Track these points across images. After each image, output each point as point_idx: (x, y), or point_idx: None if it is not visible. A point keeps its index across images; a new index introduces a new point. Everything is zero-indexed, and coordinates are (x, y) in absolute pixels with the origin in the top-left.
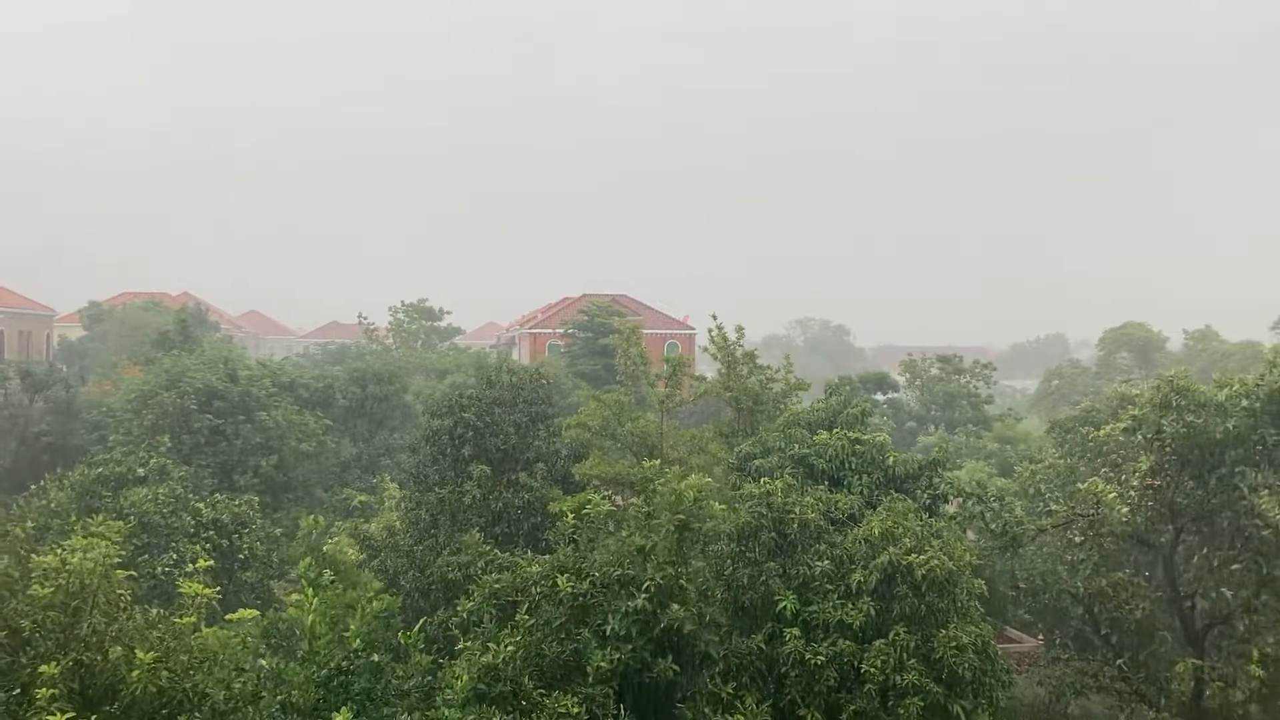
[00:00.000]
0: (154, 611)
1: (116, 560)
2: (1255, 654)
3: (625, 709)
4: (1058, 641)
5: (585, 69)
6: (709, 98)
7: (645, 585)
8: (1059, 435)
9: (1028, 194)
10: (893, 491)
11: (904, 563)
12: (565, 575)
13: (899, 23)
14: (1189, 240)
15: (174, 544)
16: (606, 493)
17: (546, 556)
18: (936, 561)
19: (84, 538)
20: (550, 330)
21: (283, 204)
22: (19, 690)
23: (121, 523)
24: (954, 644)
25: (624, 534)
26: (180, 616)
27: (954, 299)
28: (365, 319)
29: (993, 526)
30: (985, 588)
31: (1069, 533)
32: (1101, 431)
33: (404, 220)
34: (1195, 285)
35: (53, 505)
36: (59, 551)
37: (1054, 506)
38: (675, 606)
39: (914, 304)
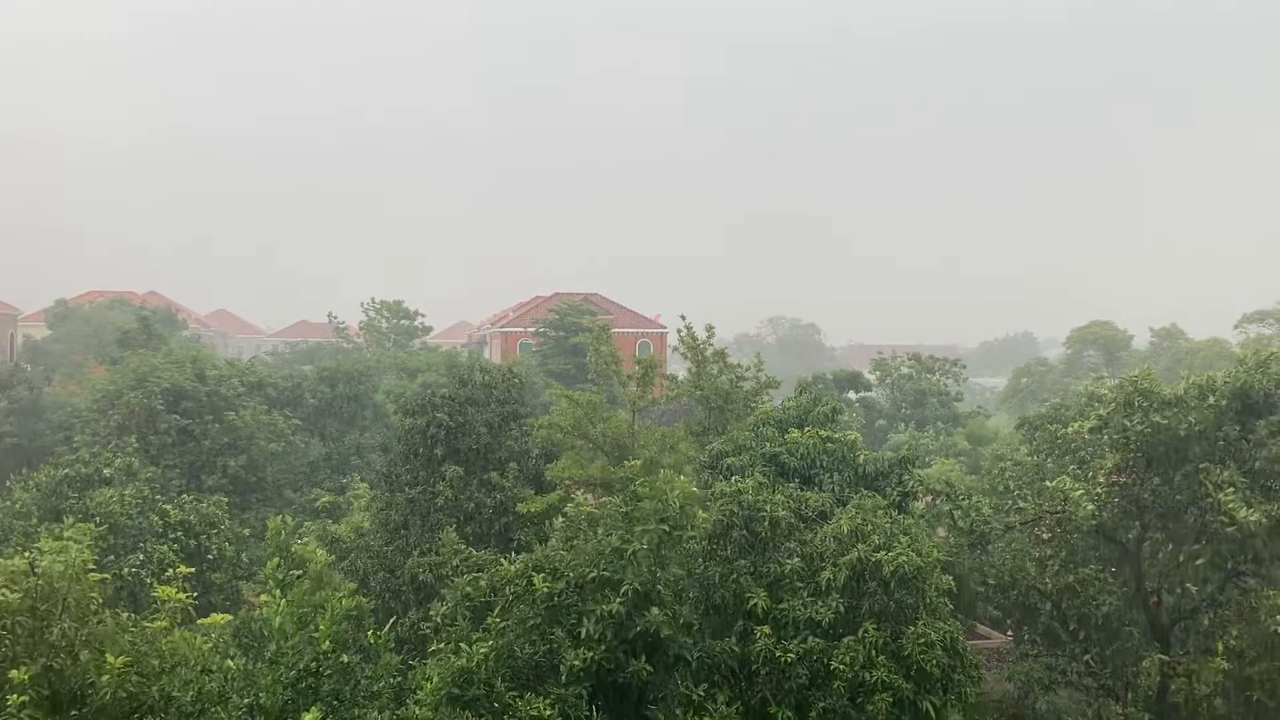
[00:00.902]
0: (125, 615)
1: (91, 566)
2: (1220, 648)
3: (597, 710)
4: (1026, 637)
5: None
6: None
7: (623, 590)
8: (1028, 432)
9: (990, 194)
10: (863, 489)
11: (873, 559)
12: (541, 575)
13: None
14: (1149, 240)
15: (141, 545)
16: (577, 491)
17: (523, 556)
18: (905, 558)
19: (54, 540)
20: (522, 329)
21: (250, 203)
22: None
23: (91, 525)
24: (923, 640)
25: (600, 534)
26: (151, 620)
27: (922, 299)
28: (336, 318)
29: (961, 524)
30: (954, 584)
31: (1037, 530)
32: (1070, 429)
33: (379, 219)
34: (1156, 284)
35: (18, 507)
36: (27, 555)
37: (1022, 504)
38: (654, 610)
39: (884, 304)
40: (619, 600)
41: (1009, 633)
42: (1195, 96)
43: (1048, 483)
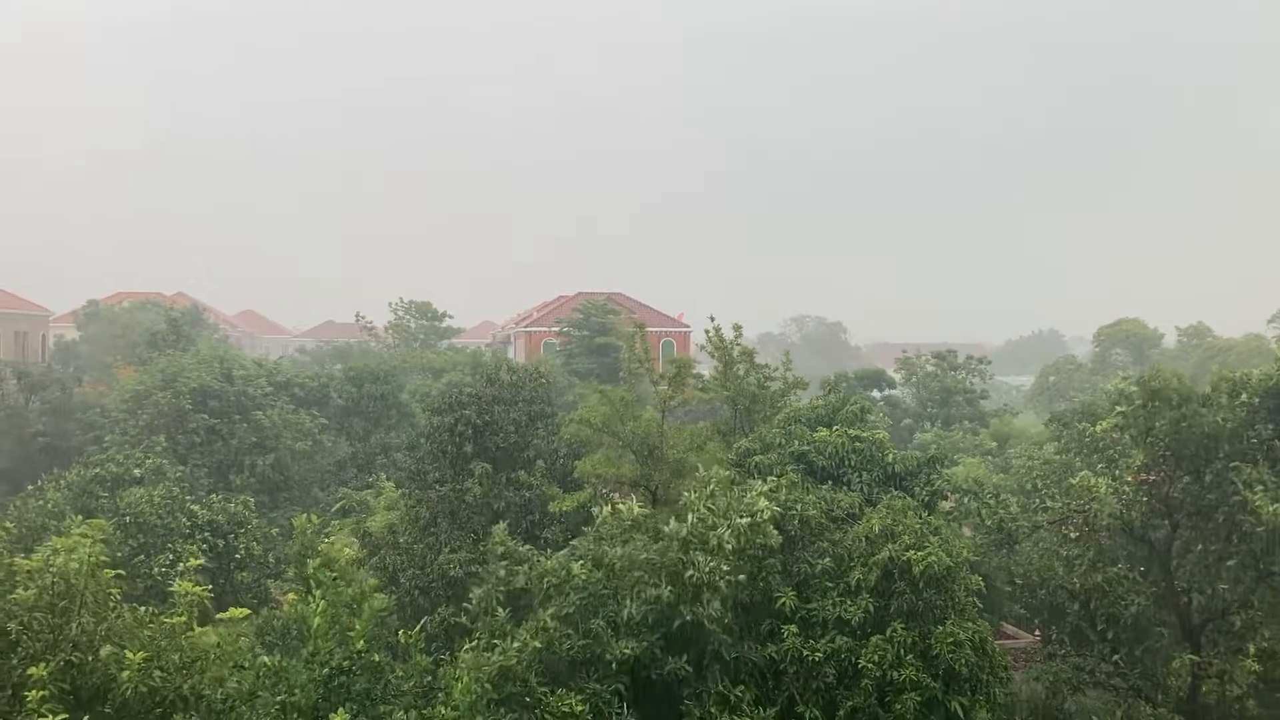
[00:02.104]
0: (142, 610)
1: (102, 559)
2: (1251, 649)
3: (629, 707)
4: (1054, 637)
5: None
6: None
7: (688, 575)
8: (1056, 430)
9: (1013, 191)
10: (892, 489)
11: (902, 559)
12: (580, 564)
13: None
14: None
15: (170, 545)
16: (605, 490)
17: (570, 544)
18: (935, 558)
19: (68, 537)
20: (545, 329)
21: (275, 203)
22: (9, 692)
23: (104, 521)
24: (951, 640)
25: (667, 528)
26: (170, 615)
27: (949, 296)
28: (363, 317)
29: (988, 523)
30: (982, 584)
31: (1065, 529)
32: (1098, 427)
33: (401, 220)
34: (1181, 283)
35: (49, 506)
36: (42, 552)
37: (1050, 503)
38: (714, 602)
39: (909, 301)
40: (668, 587)
41: (1036, 632)
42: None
43: (1073, 481)
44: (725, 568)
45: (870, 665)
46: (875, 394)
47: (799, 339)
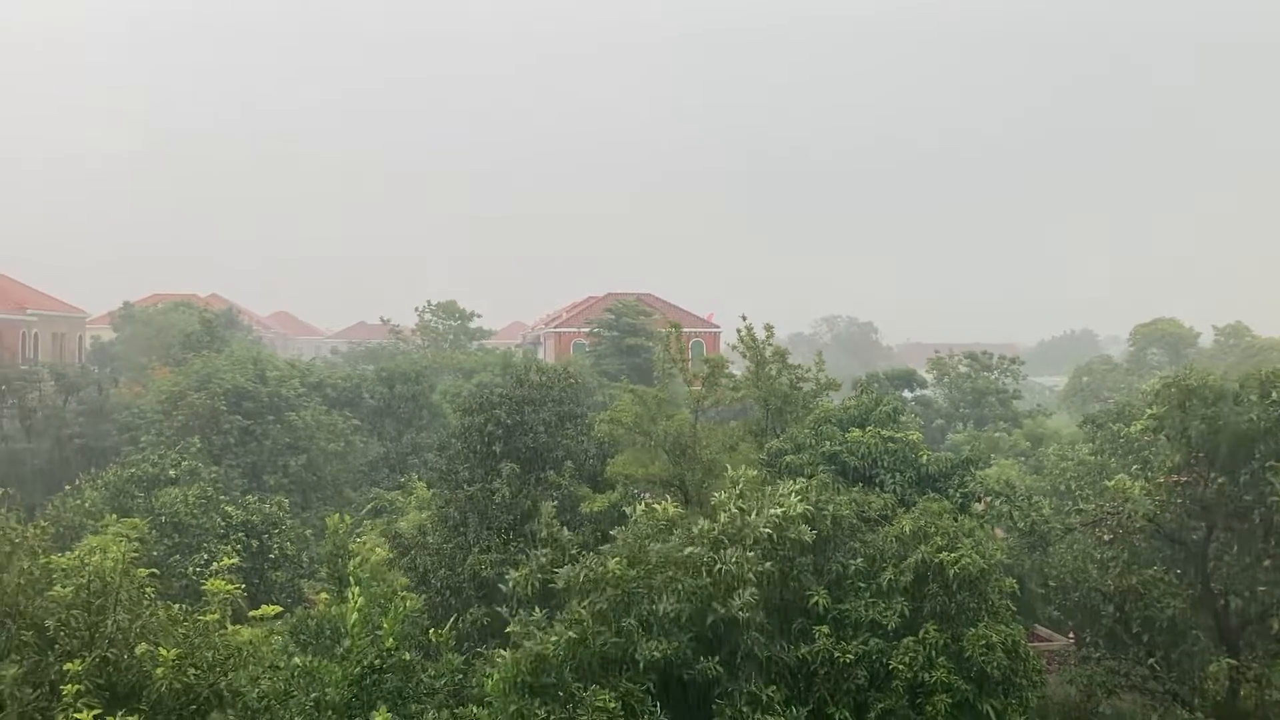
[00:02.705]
0: (176, 608)
1: (134, 556)
2: None
3: (661, 706)
4: (1088, 640)
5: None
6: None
7: (716, 569)
8: (1090, 431)
9: (1045, 190)
10: (926, 490)
11: (935, 560)
12: (618, 560)
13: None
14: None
15: (205, 544)
16: (637, 490)
17: (604, 546)
18: (968, 560)
19: (104, 536)
20: (575, 329)
21: (308, 203)
22: (47, 688)
23: (139, 520)
24: (983, 642)
25: (698, 528)
26: (204, 614)
27: (980, 297)
28: (389, 321)
29: (1020, 525)
30: (1016, 586)
31: (1099, 530)
32: (1132, 428)
33: (431, 220)
34: (1216, 283)
35: (87, 505)
36: (79, 550)
37: (1084, 504)
38: (747, 593)
39: (940, 302)
40: (709, 579)
41: (1070, 635)
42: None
43: (1108, 482)
44: (750, 554)
45: (902, 667)
46: (907, 394)
47: (830, 339)
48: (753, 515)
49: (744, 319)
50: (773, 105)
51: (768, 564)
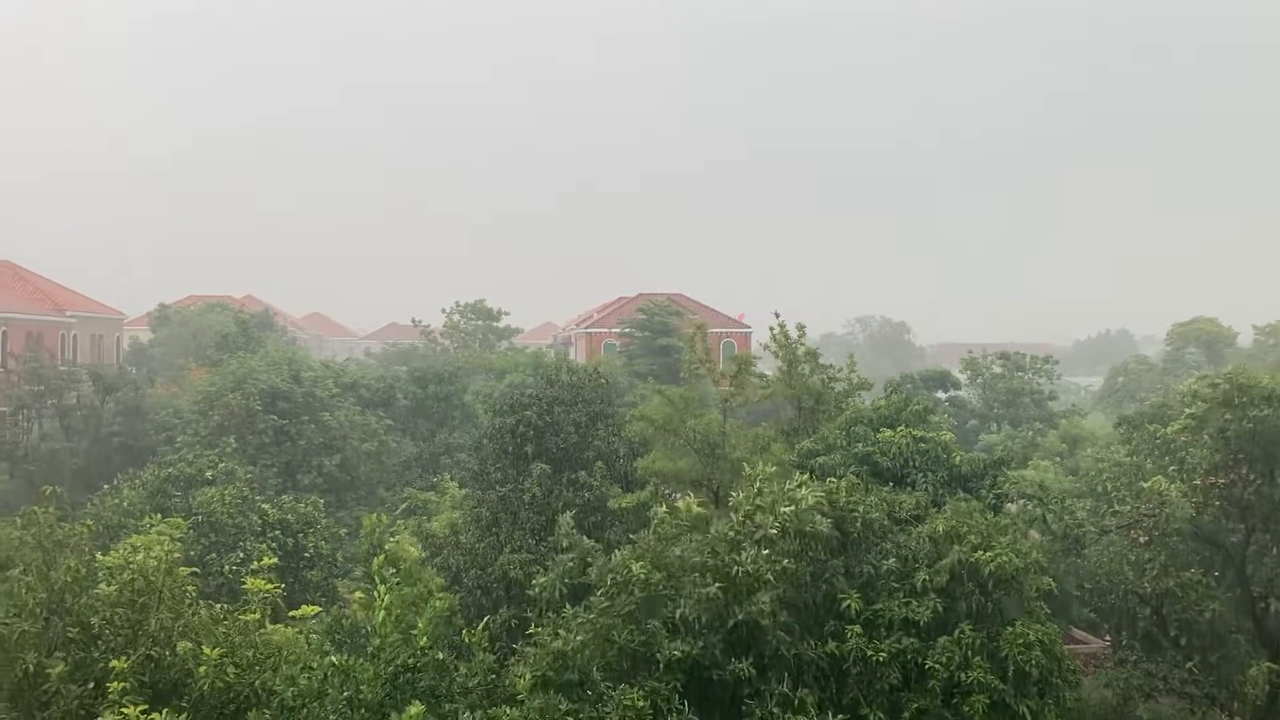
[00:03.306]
0: (218, 607)
1: (177, 556)
2: None
3: (690, 705)
4: (1125, 642)
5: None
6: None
7: (733, 572)
8: (1126, 432)
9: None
10: (957, 490)
11: (971, 560)
12: (641, 563)
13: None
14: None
15: (241, 543)
16: (667, 490)
17: (627, 548)
18: (1005, 559)
19: (147, 535)
20: (606, 330)
21: (339, 204)
22: (92, 685)
23: (182, 519)
24: (1020, 641)
25: (719, 525)
26: (244, 613)
27: (1014, 296)
28: (420, 322)
29: (1054, 528)
30: (1053, 585)
31: (1134, 532)
32: (1170, 429)
33: (462, 222)
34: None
35: (125, 504)
36: (122, 549)
37: (1119, 506)
38: (762, 596)
39: (974, 302)
40: (717, 585)
41: (1106, 637)
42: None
43: (1144, 484)
44: (765, 552)
45: (937, 667)
46: (940, 395)
47: (863, 339)
48: (767, 517)
49: (777, 317)
50: (800, 105)
51: (785, 562)
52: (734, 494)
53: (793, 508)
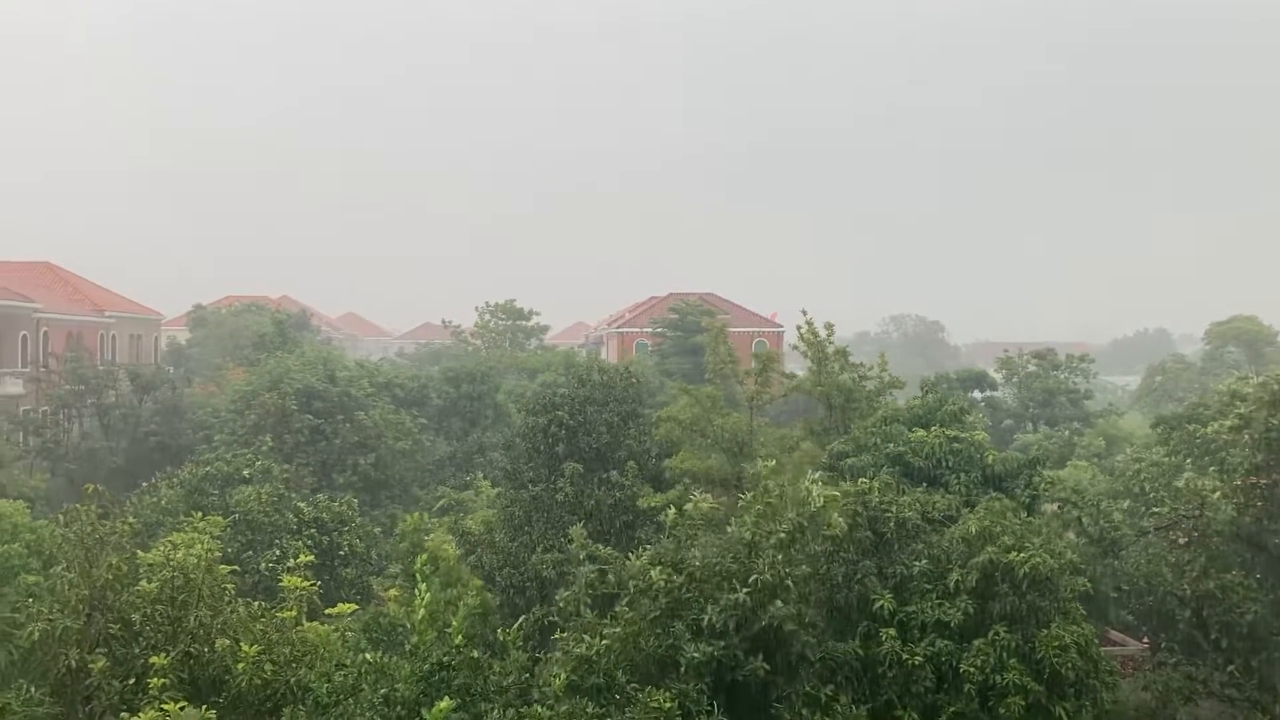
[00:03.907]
0: (255, 604)
1: (216, 554)
2: None
3: (719, 707)
4: (1164, 645)
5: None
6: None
7: (751, 580)
8: (1164, 432)
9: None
10: (991, 490)
11: (1004, 561)
12: (660, 568)
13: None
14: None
15: (277, 541)
16: (697, 489)
17: (647, 552)
18: (1039, 559)
19: (186, 533)
20: (638, 329)
21: (372, 206)
22: (133, 680)
23: (219, 517)
24: (1056, 643)
25: (730, 530)
26: (281, 610)
27: (1051, 294)
28: (451, 322)
29: (1090, 530)
30: (1089, 586)
31: (1173, 533)
32: (1209, 428)
33: (495, 221)
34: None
35: (163, 503)
36: (161, 547)
37: (1157, 507)
38: (778, 604)
39: (1008, 300)
40: (745, 590)
41: (1144, 640)
42: None
43: (1181, 484)
44: (780, 557)
45: (972, 669)
46: (976, 395)
47: (898, 338)
48: (778, 524)
49: (804, 314)
50: (827, 105)
51: (803, 567)
52: (742, 495)
53: (797, 512)
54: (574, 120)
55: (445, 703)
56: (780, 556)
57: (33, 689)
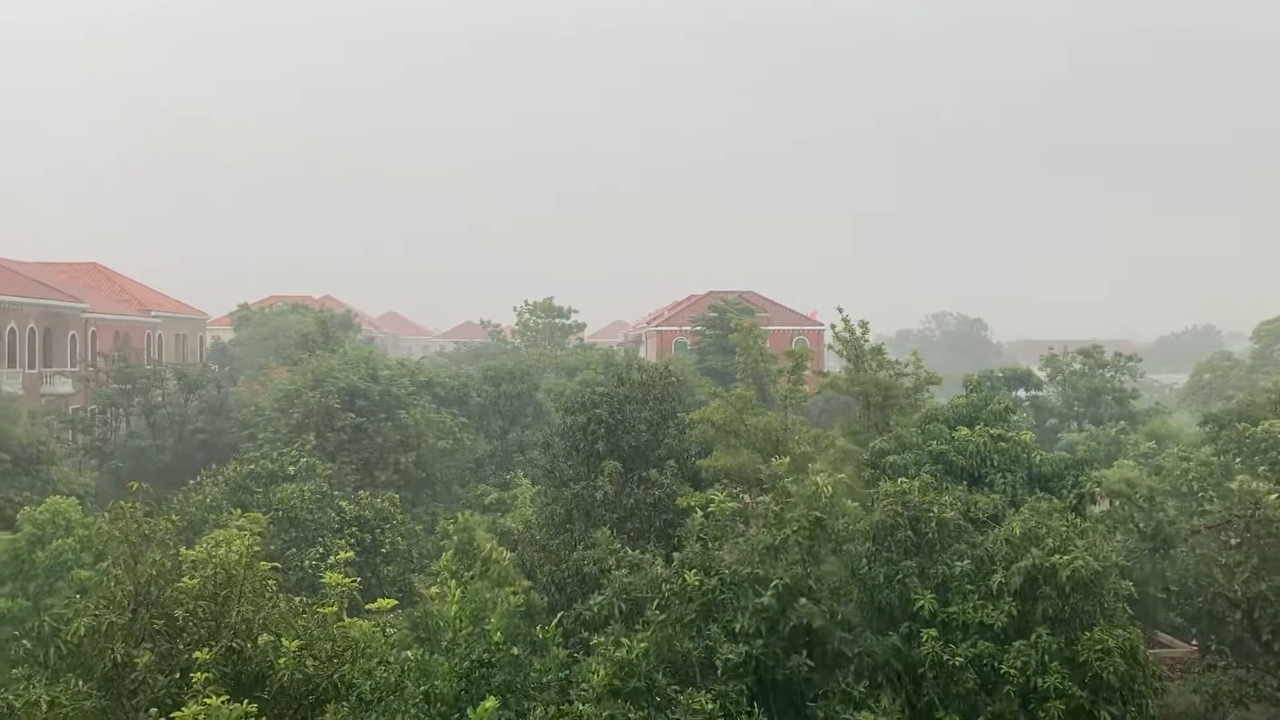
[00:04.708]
0: (297, 600)
1: (258, 550)
2: None
3: (758, 707)
4: (1214, 648)
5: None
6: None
7: (772, 583)
8: (1213, 431)
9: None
10: (1037, 490)
11: (1047, 563)
12: (693, 572)
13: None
14: None
15: (320, 538)
16: (733, 489)
17: (677, 555)
18: (1081, 562)
19: (228, 530)
20: (677, 328)
21: (412, 205)
22: (178, 675)
23: (262, 515)
24: (1099, 647)
25: (752, 532)
26: (322, 606)
27: (1095, 292)
28: (489, 323)
29: (1142, 527)
30: (1133, 589)
31: (1224, 534)
32: (1259, 427)
33: (535, 220)
34: None
35: (208, 500)
36: (205, 544)
37: (1208, 506)
38: (803, 601)
39: (1052, 297)
40: (769, 593)
41: (1193, 642)
42: None
43: (1232, 485)
44: (799, 556)
45: (1013, 671)
46: (1020, 394)
47: (940, 336)
48: (789, 528)
49: (840, 311)
50: (859, 106)
51: (824, 567)
52: (761, 498)
53: (809, 506)
54: (625, 118)
55: (490, 702)
56: (800, 556)
57: (80, 683)
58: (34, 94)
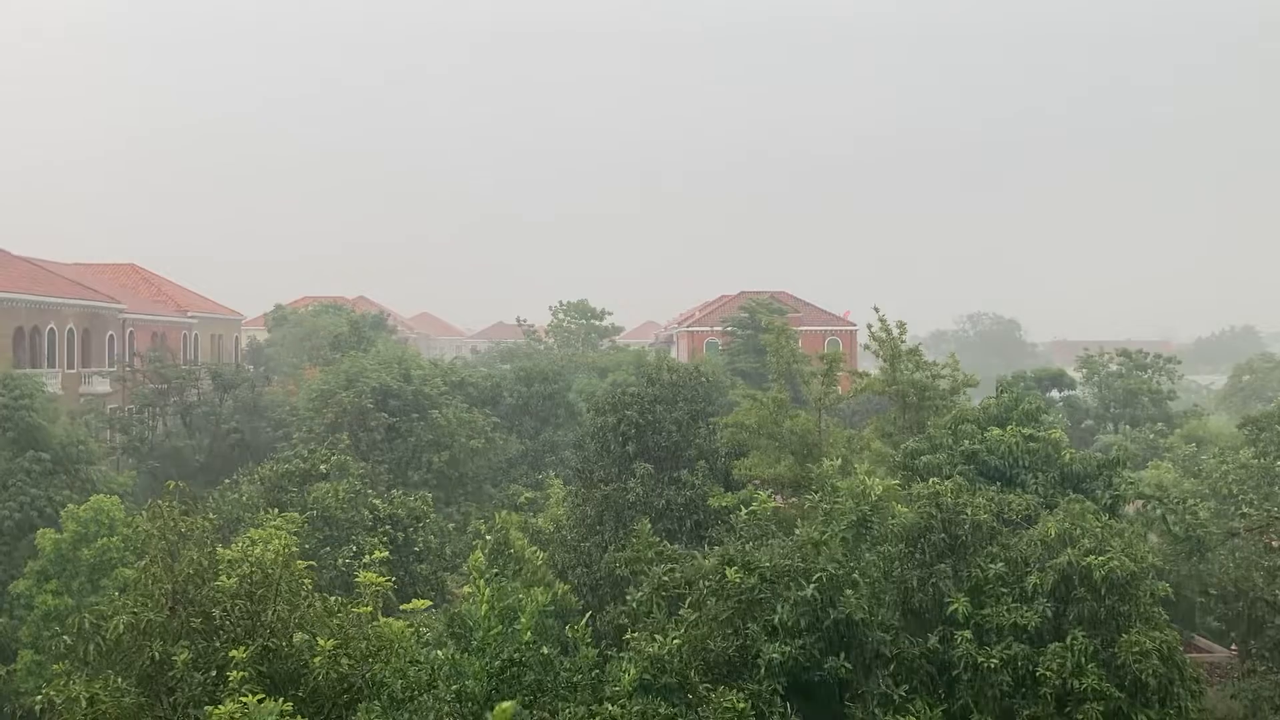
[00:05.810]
0: (332, 600)
1: (293, 550)
2: None
3: (792, 707)
4: (1254, 652)
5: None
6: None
7: (816, 575)
8: (1252, 432)
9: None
10: (1070, 491)
11: (1082, 564)
12: (734, 568)
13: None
14: None
15: (353, 537)
16: (766, 491)
17: (716, 550)
18: (1117, 563)
19: (264, 529)
20: (708, 328)
21: (444, 207)
22: (214, 673)
23: (297, 514)
24: (1137, 649)
25: (798, 530)
26: (357, 605)
27: (1132, 292)
28: (524, 321)
29: (1175, 530)
30: (1170, 592)
31: (1265, 537)
32: None
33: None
34: None
35: (243, 499)
36: (241, 543)
37: (1247, 509)
38: (848, 593)
39: (1088, 297)
40: (812, 585)
41: (1233, 647)
42: None
43: (1275, 486)
44: (844, 549)
45: (1049, 674)
46: (1055, 394)
47: (974, 336)
48: (839, 517)
49: (876, 311)
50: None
51: (869, 556)
52: (810, 497)
53: (857, 503)
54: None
55: (508, 704)
56: (844, 550)
57: (119, 679)
58: (58, 93)
